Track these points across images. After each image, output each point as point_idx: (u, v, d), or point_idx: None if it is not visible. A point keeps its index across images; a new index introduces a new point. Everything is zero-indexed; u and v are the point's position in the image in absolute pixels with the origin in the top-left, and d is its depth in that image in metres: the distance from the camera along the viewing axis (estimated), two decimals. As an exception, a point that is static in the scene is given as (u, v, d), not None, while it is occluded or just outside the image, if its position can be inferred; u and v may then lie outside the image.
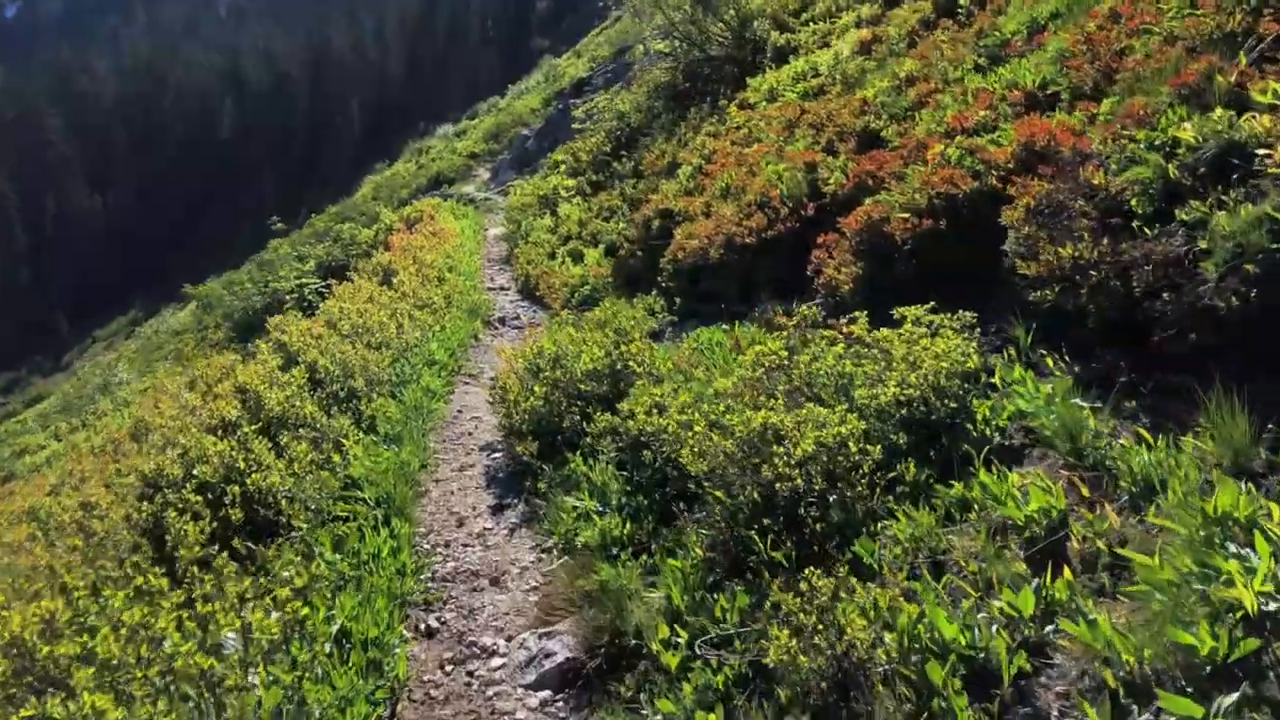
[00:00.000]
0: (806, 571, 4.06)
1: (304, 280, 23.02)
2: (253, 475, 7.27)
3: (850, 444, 5.08)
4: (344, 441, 8.36)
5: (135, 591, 4.24)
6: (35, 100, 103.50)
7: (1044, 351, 5.79)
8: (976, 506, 4.69)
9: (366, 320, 11.57)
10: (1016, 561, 4.19)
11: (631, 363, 7.71)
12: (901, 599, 4.06)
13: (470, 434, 9.50)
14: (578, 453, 7.34)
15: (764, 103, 16.17)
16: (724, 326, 9.47)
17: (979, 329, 6.20)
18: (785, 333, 6.53)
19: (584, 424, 7.68)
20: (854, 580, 4.24)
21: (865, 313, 6.62)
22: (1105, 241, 5.52)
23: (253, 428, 7.77)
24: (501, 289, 19.35)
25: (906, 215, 7.82)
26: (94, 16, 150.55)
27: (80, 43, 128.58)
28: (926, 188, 7.89)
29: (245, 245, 56.81)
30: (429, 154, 49.47)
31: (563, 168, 27.33)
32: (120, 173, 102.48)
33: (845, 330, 6.40)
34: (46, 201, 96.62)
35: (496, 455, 8.61)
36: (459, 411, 10.30)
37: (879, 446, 5.15)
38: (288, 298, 22.07)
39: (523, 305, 17.26)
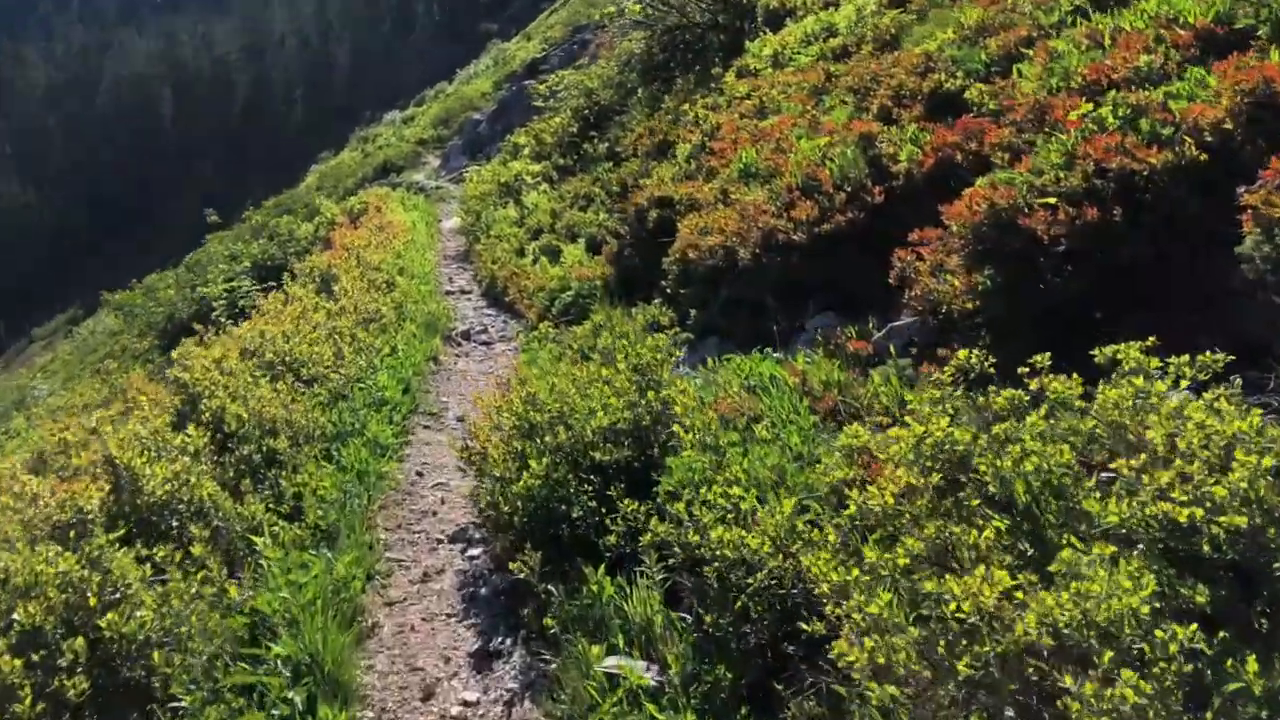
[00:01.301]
0: None
1: (235, 283, 20.10)
2: (109, 615, 4.78)
3: (1156, 632, 2.73)
4: (254, 539, 5.82)
5: None
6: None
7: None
8: None
9: (294, 347, 8.92)
10: None
11: (676, 425, 5.26)
12: None
13: (435, 513, 6.92)
14: (599, 565, 4.90)
15: (769, 69, 13.73)
16: (774, 354, 7.06)
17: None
18: (938, 392, 4.09)
19: (603, 512, 5.26)
20: None
21: (1047, 355, 4.23)
22: None
23: (113, 536, 5.22)
24: (462, 292, 16.68)
25: (1053, 200, 5.50)
26: (24, 3, 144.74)
27: (10, 30, 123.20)
28: (1080, 162, 5.57)
29: (185, 239, 53.58)
30: (376, 142, 46.48)
31: (525, 151, 24.66)
32: (54, 165, 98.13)
33: (1032, 386, 4.02)
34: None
35: (474, 553, 6.05)
36: (418, 475, 7.68)
37: (1193, 627, 2.80)
38: (216, 304, 19.18)
39: (489, 314, 14.59)
